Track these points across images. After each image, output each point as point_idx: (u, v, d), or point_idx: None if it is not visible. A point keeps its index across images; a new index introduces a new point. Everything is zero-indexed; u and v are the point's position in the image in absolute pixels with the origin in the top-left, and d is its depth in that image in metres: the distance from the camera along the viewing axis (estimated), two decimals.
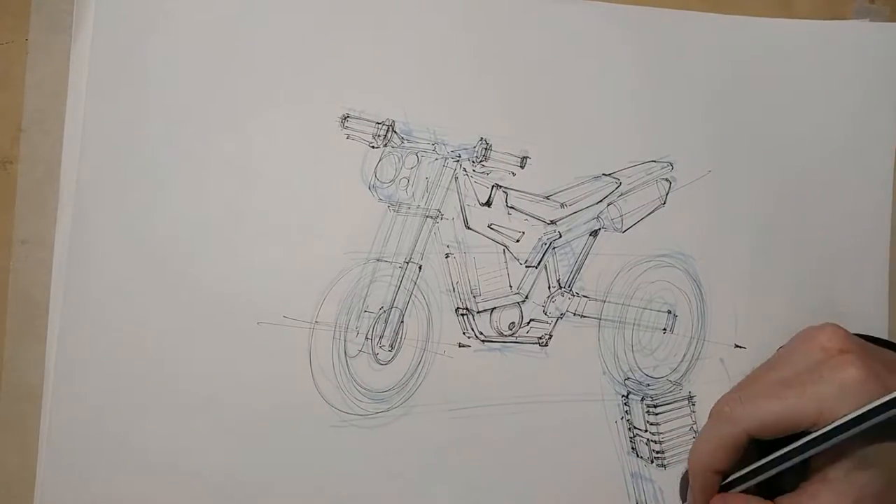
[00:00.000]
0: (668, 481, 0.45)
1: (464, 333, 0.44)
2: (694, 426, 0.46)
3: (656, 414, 0.45)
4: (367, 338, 0.43)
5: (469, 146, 0.45)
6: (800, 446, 0.38)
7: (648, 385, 0.46)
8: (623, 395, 0.45)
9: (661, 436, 0.45)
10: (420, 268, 0.44)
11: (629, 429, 0.45)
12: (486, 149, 0.45)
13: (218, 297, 0.42)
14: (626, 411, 0.45)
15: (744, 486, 0.41)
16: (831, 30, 0.48)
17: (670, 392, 0.46)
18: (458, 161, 0.45)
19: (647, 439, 0.45)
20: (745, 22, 0.47)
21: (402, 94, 0.45)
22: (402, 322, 0.44)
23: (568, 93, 0.46)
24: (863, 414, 0.36)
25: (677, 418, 0.46)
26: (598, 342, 0.45)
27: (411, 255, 0.44)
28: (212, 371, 0.42)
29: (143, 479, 0.41)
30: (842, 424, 0.37)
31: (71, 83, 0.42)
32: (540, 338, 0.45)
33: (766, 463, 0.40)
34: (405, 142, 0.45)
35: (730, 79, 0.47)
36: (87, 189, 0.42)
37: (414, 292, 0.44)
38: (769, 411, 0.39)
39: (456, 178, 0.45)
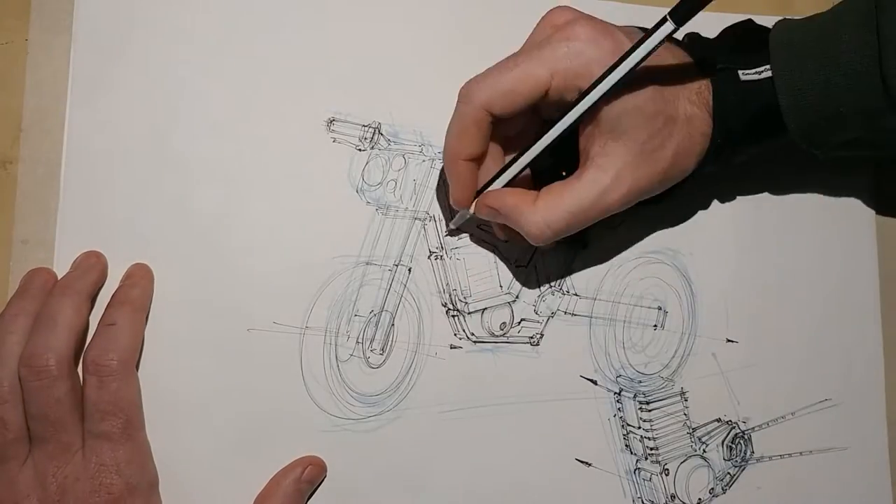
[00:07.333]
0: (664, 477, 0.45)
1: (455, 335, 0.44)
2: (687, 422, 0.46)
3: (649, 410, 0.45)
4: (357, 342, 0.43)
5: None
6: (553, 123, 0.38)
7: (640, 382, 0.46)
8: (615, 393, 0.45)
9: (655, 432, 0.45)
10: (410, 270, 0.44)
11: (622, 426, 0.45)
12: None
13: (207, 305, 0.42)
14: (619, 409, 0.45)
15: (506, 179, 0.40)
16: None
17: (662, 388, 0.46)
18: None
19: (641, 436, 0.45)
20: (725, 19, 0.47)
21: (388, 95, 0.45)
22: (393, 325, 0.44)
23: None
24: (613, 66, 0.36)
25: (670, 414, 0.46)
26: (590, 340, 0.45)
27: (400, 257, 0.44)
28: (203, 379, 0.41)
29: None
30: (593, 84, 0.36)
31: (71, 83, 0.42)
32: (531, 337, 0.45)
33: (523, 152, 0.39)
34: (392, 144, 0.44)
35: None
36: (73, 192, 0.41)
37: (404, 295, 0.44)
38: (499, 80, 0.38)
39: (444, 179, 0.45)
